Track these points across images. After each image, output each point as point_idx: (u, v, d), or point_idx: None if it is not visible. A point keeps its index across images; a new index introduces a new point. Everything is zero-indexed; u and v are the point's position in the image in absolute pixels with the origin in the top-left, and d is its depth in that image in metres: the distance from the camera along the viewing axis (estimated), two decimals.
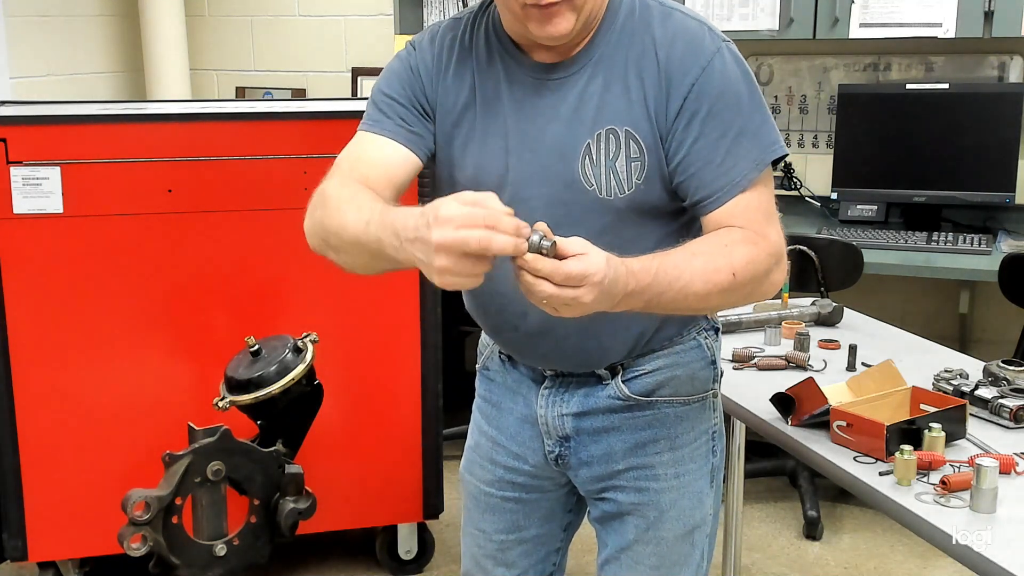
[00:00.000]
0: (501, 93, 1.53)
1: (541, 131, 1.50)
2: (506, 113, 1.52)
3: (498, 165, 1.52)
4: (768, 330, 2.25)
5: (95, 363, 2.67)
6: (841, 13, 3.34)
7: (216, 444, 1.85)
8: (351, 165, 1.54)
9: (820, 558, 3.18)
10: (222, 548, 1.87)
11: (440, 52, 1.57)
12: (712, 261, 1.39)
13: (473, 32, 1.57)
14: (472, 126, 1.54)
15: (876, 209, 3.56)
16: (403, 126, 1.55)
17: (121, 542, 1.77)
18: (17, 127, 2.57)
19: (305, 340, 2.00)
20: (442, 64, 1.56)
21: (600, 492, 1.67)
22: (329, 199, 1.47)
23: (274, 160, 2.69)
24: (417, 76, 1.56)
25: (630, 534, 1.66)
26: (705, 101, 1.45)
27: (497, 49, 1.54)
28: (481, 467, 1.75)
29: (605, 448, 1.63)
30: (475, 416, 1.79)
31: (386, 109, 1.56)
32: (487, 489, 1.75)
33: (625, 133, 1.47)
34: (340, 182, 1.50)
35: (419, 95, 1.56)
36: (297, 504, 1.94)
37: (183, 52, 4.40)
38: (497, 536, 1.76)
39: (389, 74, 1.60)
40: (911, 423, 1.70)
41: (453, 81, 1.55)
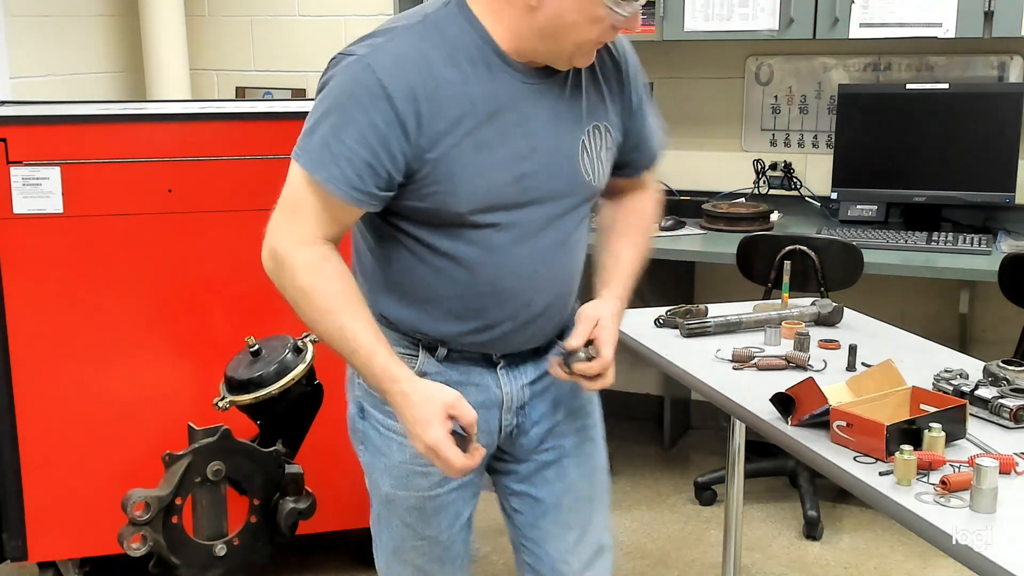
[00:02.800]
0: (505, 103, 1.56)
1: (544, 132, 1.60)
2: (508, 119, 1.57)
3: (510, 170, 1.58)
4: (768, 330, 2.25)
5: (95, 363, 2.67)
6: (841, 13, 3.34)
7: (216, 444, 1.85)
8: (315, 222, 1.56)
9: (820, 558, 3.18)
10: (222, 548, 1.87)
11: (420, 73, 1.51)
12: (642, 237, 1.82)
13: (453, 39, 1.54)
14: (477, 142, 1.54)
15: (876, 209, 3.56)
16: (357, 187, 1.52)
17: (121, 542, 1.77)
18: (17, 127, 2.57)
19: (305, 340, 2.00)
20: (426, 88, 1.50)
21: (541, 444, 1.80)
22: (309, 296, 1.55)
23: (274, 160, 2.68)
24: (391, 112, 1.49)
25: (572, 473, 1.84)
26: (643, 89, 1.75)
27: (491, 59, 1.55)
28: (424, 475, 1.73)
29: (551, 402, 1.79)
30: (395, 431, 1.71)
31: (342, 161, 1.51)
32: (433, 492, 1.75)
33: (604, 127, 1.68)
34: (312, 263, 1.56)
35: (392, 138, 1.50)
36: (297, 504, 1.94)
37: (183, 52, 4.40)
38: (444, 534, 1.80)
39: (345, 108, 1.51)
40: (911, 423, 1.70)
41: (443, 102, 1.52)
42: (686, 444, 4.09)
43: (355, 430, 1.80)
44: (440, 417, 1.50)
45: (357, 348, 1.53)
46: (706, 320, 2.32)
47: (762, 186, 3.79)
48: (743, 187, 3.84)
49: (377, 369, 1.53)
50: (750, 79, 3.86)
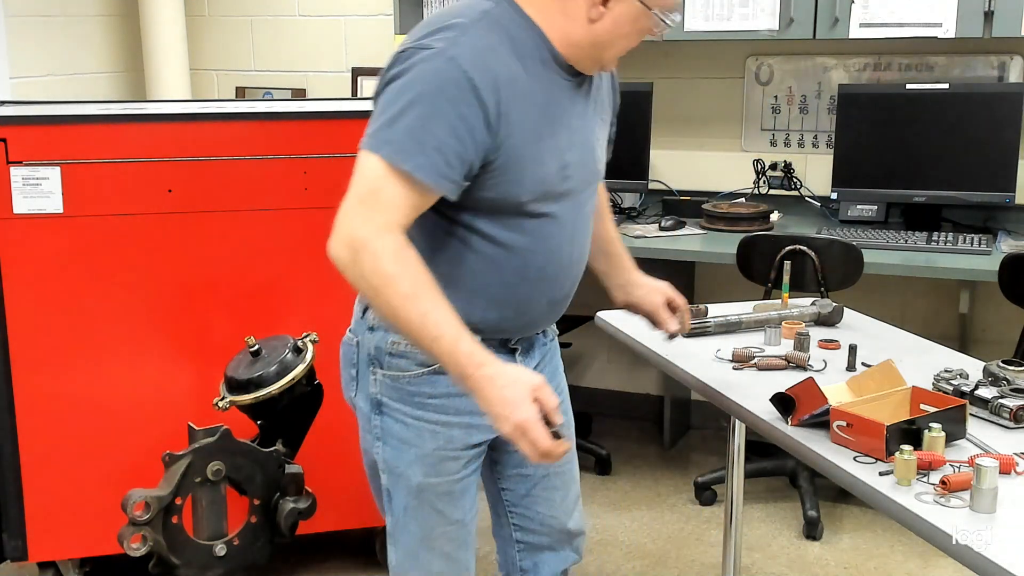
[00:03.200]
0: (558, 100, 1.69)
1: (577, 125, 1.74)
2: (562, 118, 1.70)
3: (561, 167, 1.71)
4: (768, 330, 2.25)
5: (95, 363, 2.67)
6: (841, 13, 3.34)
7: (216, 444, 1.85)
8: (395, 214, 1.56)
9: (820, 558, 3.18)
10: (222, 548, 1.87)
11: (498, 66, 1.59)
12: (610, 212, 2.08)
13: (517, 38, 1.63)
14: (539, 135, 1.66)
15: (876, 209, 3.56)
16: (449, 176, 1.58)
17: (121, 542, 1.77)
18: (17, 127, 2.57)
19: (305, 340, 2.00)
20: (503, 79, 1.58)
21: None
22: (392, 283, 1.54)
23: (274, 160, 2.69)
24: (476, 102, 1.55)
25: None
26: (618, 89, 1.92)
27: (545, 59, 1.67)
28: (454, 459, 1.81)
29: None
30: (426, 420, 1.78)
31: (431, 151, 1.55)
32: (459, 476, 1.83)
33: (605, 121, 1.84)
34: (395, 250, 1.55)
35: (478, 127, 1.57)
36: (297, 504, 1.94)
37: (183, 52, 4.40)
38: (467, 516, 1.88)
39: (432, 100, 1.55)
40: (911, 423, 1.70)
41: (515, 94, 1.61)
42: (686, 444, 4.09)
43: (369, 428, 1.82)
44: (528, 398, 1.51)
45: (440, 335, 1.53)
46: (706, 320, 2.32)
47: (762, 186, 3.80)
48: (743, 187, 3.84)
49: (462, 355, 1.53)
50: (750, 79, 3.86)
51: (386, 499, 1.86)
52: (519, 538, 2.04)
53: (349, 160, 2.69)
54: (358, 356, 1.81)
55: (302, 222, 2.72)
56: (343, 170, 2.69)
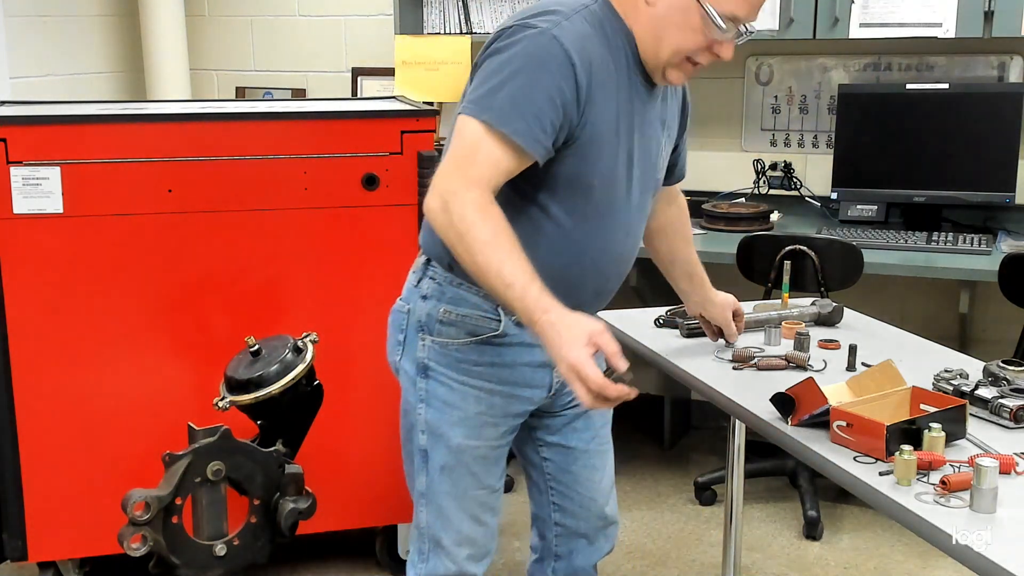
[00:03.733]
0: (633, 100, 1.80)
1: (647, 130, 1.85)
2: (634, 118, 1.80)
3: (627, 160, 1.81)
4: (768, 330, 2.25)
5: (95, 363, 2.67)
6: (841, 13, 3.34)
7: (216, 444, 1.85)
8: (488, 176, 1.67)
9: (820, 558, 3.18)
10: (222, 548, 1.87)
11: (593, 52, 1.71)
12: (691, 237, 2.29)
13: (610, 35, 1.76)
14: (614, 127, 1.77)
15: (876, 209, 3.56)
16: (544, 141, 1.69)
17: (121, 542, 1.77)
18: (17, 127, 2.57)
19: (305, 340, 2.00)
20: (596, 65, 1.71)
21: (574, 399, 1.91)
22: (473, 229, 1.63)
23: (274, 160, 2.69)
24: (572, 78, 1.68)
25: (597, 421, 2.08)
26: (689, 113, 2.04)
27: (629, 60, 1.78)
28: (493, 426, 1.92)
29: None
30: (470, 385, 1.89)
31: (531, 118, 1.66)
32: (498, 443, 1.94)
33: (671, 135, 1.96)
34: (481, 202, 1.65)
35: (571, 101, 1.69)
36: (297, 504, 1.94)
37: (183, 52, 4.40)
38: (498, 484, 1.99)
39: (533, 72, 1.67)
40: (911, 423, 1.70)
41: (603, 82, 1.73)
42: (686, 444, 4.09)
43: (414, 390, 1.92)
44: (583, 340, 1.57)
45: (513, 282, 1.62)
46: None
47: (762, 186, 3.80)
48: (743, 187, 3.84)
49: (530, 300, 1.61)
50: (750, 79, 3.86)
51: (420, 460, 1.95)
52: (558, 519, 2.12)
53: (349, 160, 2.73)
54: (408, 322, 1.92)
55: (302, 222, 2.72)
56: (343, 170, 2.73)
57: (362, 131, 2.74)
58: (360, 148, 2.72)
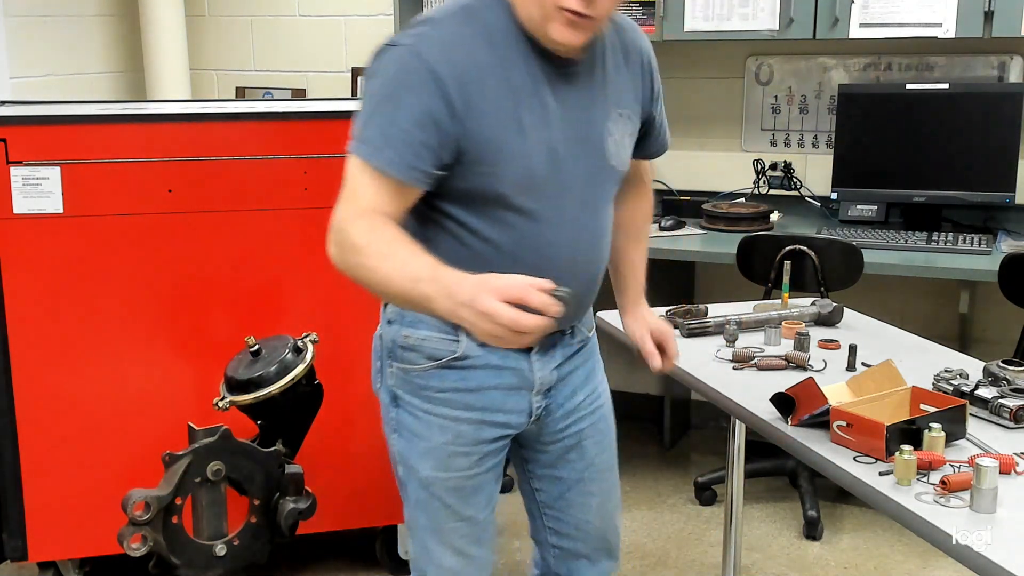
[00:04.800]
0: (539, 88, 1.64)
1: (577, 119, 1.68)
2: (547, 106, 1.65)
3: (545, 155, 1.65)
4: (768, 330, 2.25)
5: (95, 363, 2.67)
6: (841, 13, 3.34)
7: (216, 444, 1.85)
8: (372, 198, 1.58)
9: (820, 558, 3.18)
10: (222, 548, 1.87)
11: (464, 55, 1.58)
12: (645, 236, 2.03)
13: (493, 28, 1.61)
14: (515, 123, 1.62)
15: (876, 209, 3.56)
16: (416, 167, 1.58)
17: (121, 542, 1.77)
18: (17, 127, 2.57)
19: (305, 340, 2.01)
20: (469, 68, 1.58)
21: (566, 428, 1.88)
22: (361, 248, 1.56)
23: (274, 160, 2.69)
24: (437, 93, 1.56)
25: (591, 452, 1.93)
26: (658, 79, 1.85)
27: (524, 43, 1.63)
28: (464, 456, 1.79)
29: (571, 386, 1.87)
30: (435, 414, 1.78)
31: (398, 144, 1.57)
32: (472, 472, 1.81)
33: (627, 114, 1.77)
34: (366, 225, 1.57)
35: (443, 117, 1.57)
36: (297, 504, 1.94)
37: (183, 52, 4.40)
38: (481, 514, 1.85)
39: (397, 94, 1.58)
40: (911, 423, 1.70)
41: (487, 82, 1.59)
42: (686, 444, 4.09)
43: (388, 419, 1.85)
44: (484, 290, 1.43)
45: (420, 275, 1.50)
46: (706, 320, 2.32)
47: (762, 186, 3.79)
48: (743, 187, 3.84)
49: (445, 280, 1.48)
50: (750, 79, 3.86)
51: (401, 492, 1.88)
52: (554, 542, 2.00)
53: None
54: (381, 348, 1.84)
55: (302, 222, 2.72)
56: (343, 170, 2.72)
57: None
58: None
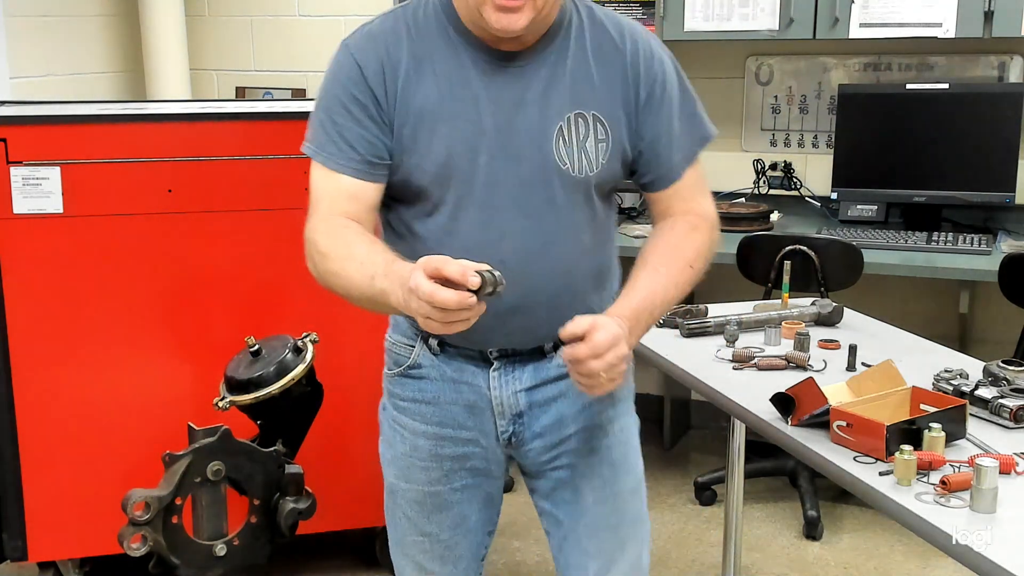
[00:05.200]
0: (469, 80, 1.58)
1: (513, 115, 1.58)
2: (476, 99, 1.57)
3: (470, 149, 1.57)
4: (768, 330, 2.25)
5: (95, 363, 2.67)
6: (841, 13, 3.34)
7: (216, 444, 1.85)
8: (329, 205, 1.59)
9: (820, 558, 3.18)
10: (222, 548, 1.87)
11: (387, 49, 1.58)
12: (672, 267, 1.63)
13: (421, 20, 1.59)
14: (439, 113, 1.57)
15: (876, 209, 3.56)
16: (358, 159, 1.58)
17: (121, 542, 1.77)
18: (17, 127, 2.57)
19: (305, 340, 2.00)
20: (392, 60, 1.57)
21: (553, 461, 1.73)
22: (326, 254, 1.55)
23: (274, 160, 2.69)
24: (363, 82, 1.57)
25: (587, 497, 1.74)
26: (663, 86, 1.65)
27: (454, 37, 1.58)
28: (423, 469, 1.75)
29: (556, 416, 1.71)
30: (399, 423, 1.76)
31: (337, 139, 1.58)
32: (434, 489, 1.75)
33: (592, 116, 1.60)
34: (327, 229, 1.56)
35: (369, 105, 1.57)
36: (297, 504, 1.94)
37: (183, 52, 4.40)
38: (444, 534, 1.78)
39: (331, 89, 1.59)
40: (911, 423, 1.70)
41: (410, 74, 1.57)
42: (686, 444, 4.09)
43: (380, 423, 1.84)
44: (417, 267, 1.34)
45: (375, 270, 1.45)
46: (706, 320, 2.32)
47: (762, 186, 3.79)
48: (743, 187, 3.84)
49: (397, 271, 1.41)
50: (750, 79, 3.86)
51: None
52: None
53: None
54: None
55: (302, 222, 2.70)
56: None
57: None
58: None
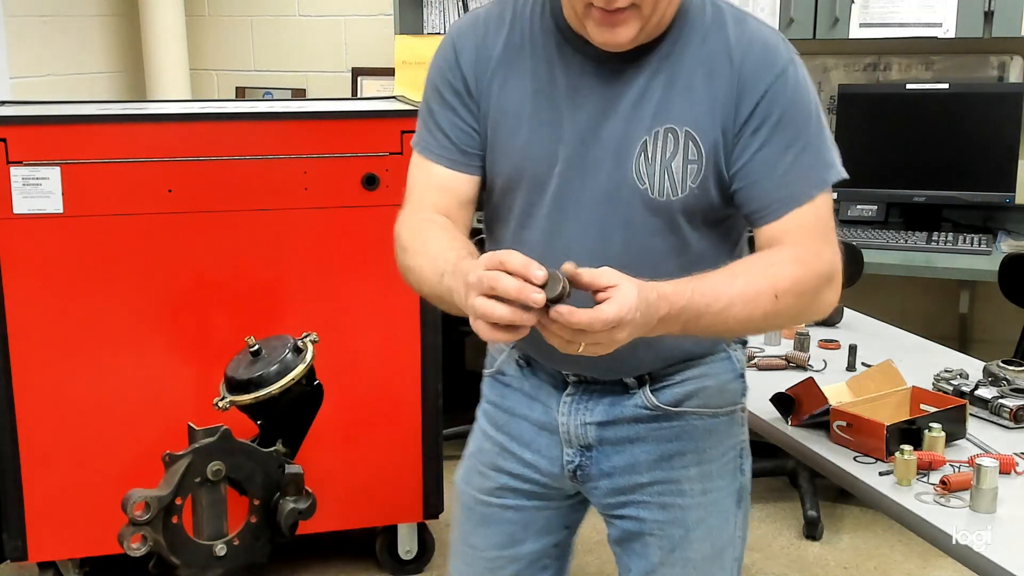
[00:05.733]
0: (556, 79, 1.46)
1: (597, 123, 1.44)
2: (561, 101, 1.45)
3: (547, 154, 1.46)
4: None
5: (95, 363, 2.67)
6: (841, 13, 3.34)
7: (216, 444, 1.85)
8: (420, 196, 1.53)
9: (820, 558, 3.18)
10: (222, 548, 1.87)
11: (485, 35, 1.50)
12: (753, 283, 1.36)
13: (528, 12, 1.49)
14: (522, 112, 1.47)
15: (876, 209, 3.56)
16: (450, 148, 1.51)
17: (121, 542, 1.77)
18: (17, 127, 2.56)
19: (305, 340, 2.00)
20: (488, 47, 1.49)
21: (621, 507, 1.60)
22: (406, 248, 1.48)
23: (274, 160, 2.69)
24: (456, 68, 1.50)
25: (654, 556, 1.59)
26: (776, 109, 1.41)
27: (554, 33, 1.47)
28: (481, 475, 1.66)
29: (629, 459, 1.56)
30: (480, 422, 1.69)
31: (432, 127, 1.53)
32: (484, 498, 1.66)
33: (685, 134, 1.42)
34: (412, 224, 1.49)
35: (462, 91, 1.50)
36: (297, 504, 1.94)
37: (183, 52, 4.40)
38: (490, 552, 1.67)
39: (431, 75, 1.54)
40: (911, 423, 1.70)
41: (501, 65, 1.48)
42: None
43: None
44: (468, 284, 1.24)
45: (444, 268, 1.34)
46: None
47: None
48: None
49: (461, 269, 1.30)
50: None
51: None
52: None
53: (349, 160, 2.73)
54: None
55: (302, 222, 2.72)
56: (343, 170, 2.72)
57: (362, 131, 2.74)
58: (360, 148, 2.72)
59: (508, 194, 1.51)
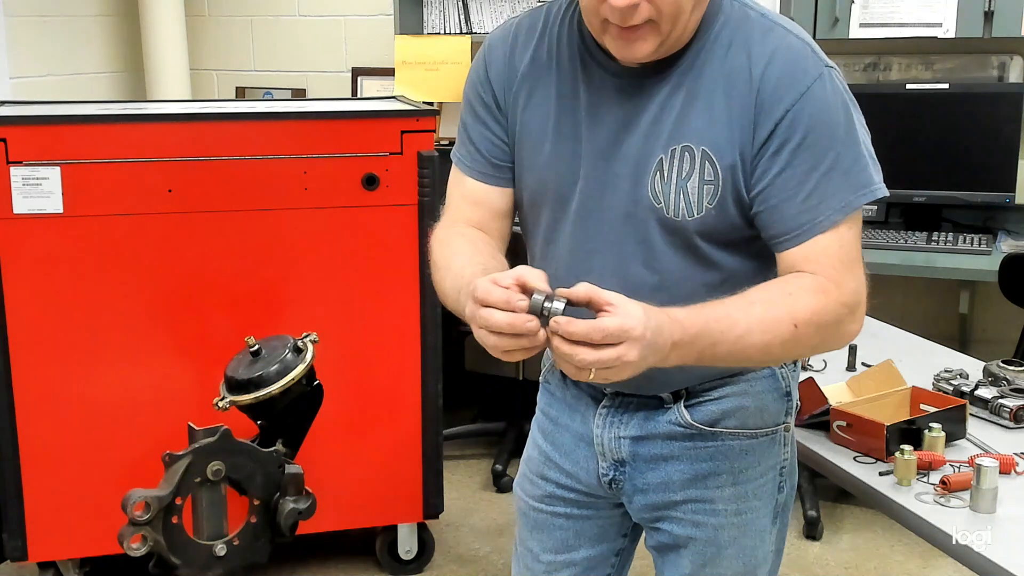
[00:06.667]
0: (579, 93, 1.43)
1: (616, 140, 1.41)
2: (583, 116, 1.43)
3: (570, 171, 1.44)
4: None
5: (95, 363, 2.67)
6: (841, 13, 3.34)
7: (216, 444, 1.85)
8: (455, 209, 1.55)
9: (820, 558, 3.18)
10: (222, 548, 1.87)
11: (514, 48, 1.50)
12: (772, 310, 1.30)
13: (557, 25, 1.48)
14: (546, 127, 1.45)
15: (876, 209, 3.56)
16: (482, 161, 1.52)
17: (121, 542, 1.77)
18: (17, 127, 2.57)
19: (305, 340, 2.00)
20: (515, 61, 1.48)
21: (655, 521, 1.58)
22: (435, 263, 1.49)
23: (274, 160, 2.69)
24: (487, 82, 1.51)
25: (686, 568, 1.58)
26: (798, 130, 1.34)
27: (579, 45, 1.45)
28: (531, 482, 1.66)
29: (662, 477, 1.54)
30: (533, 429, 1.69)
31: (466, 140, 1.54)
32: (536, 504, 1.66)
33: (701, 153, 1.37)
34: (443, 237, 1.50)
35: (491, 106, 1.51)
36: (297, 504, 1.93)
37: (183, 52, 4.40)
38: (545, 556, 1.66)
39: (466, 88, 1.55)
40: (911, 423, 1.70)
41: (527, 79, 1.47)
42: None
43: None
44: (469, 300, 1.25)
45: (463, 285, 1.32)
46: None
47: None
48: None
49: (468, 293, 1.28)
50: None
51: None
52: None
53: (349, 160, 2.73)
54: None
55: (302, 222, 2.72)
56: (343, 170, 2.72)
57: (362, 131, 2.74)
58: (360, 148, 2.73)
59: (534, 209, 1.51)
